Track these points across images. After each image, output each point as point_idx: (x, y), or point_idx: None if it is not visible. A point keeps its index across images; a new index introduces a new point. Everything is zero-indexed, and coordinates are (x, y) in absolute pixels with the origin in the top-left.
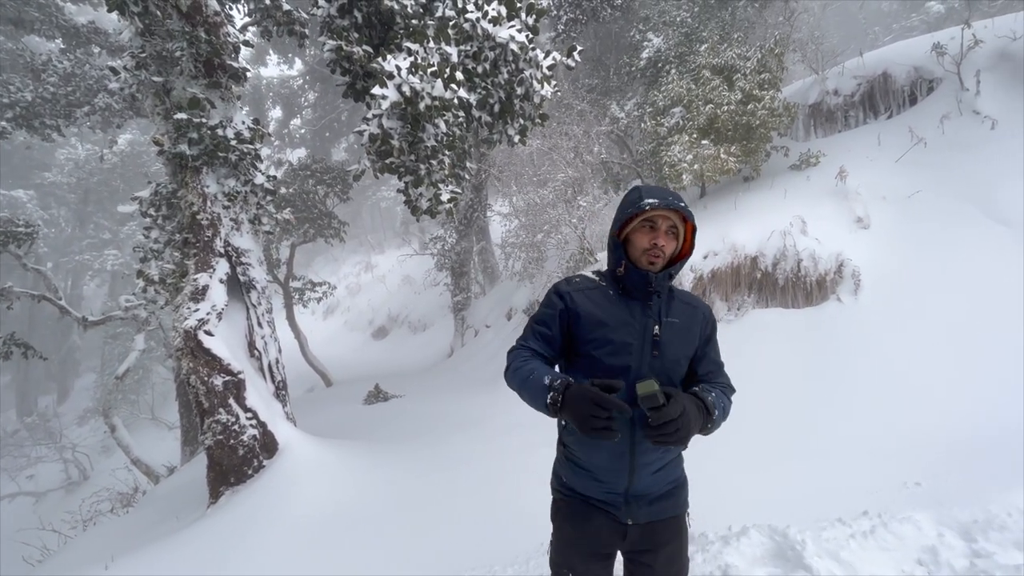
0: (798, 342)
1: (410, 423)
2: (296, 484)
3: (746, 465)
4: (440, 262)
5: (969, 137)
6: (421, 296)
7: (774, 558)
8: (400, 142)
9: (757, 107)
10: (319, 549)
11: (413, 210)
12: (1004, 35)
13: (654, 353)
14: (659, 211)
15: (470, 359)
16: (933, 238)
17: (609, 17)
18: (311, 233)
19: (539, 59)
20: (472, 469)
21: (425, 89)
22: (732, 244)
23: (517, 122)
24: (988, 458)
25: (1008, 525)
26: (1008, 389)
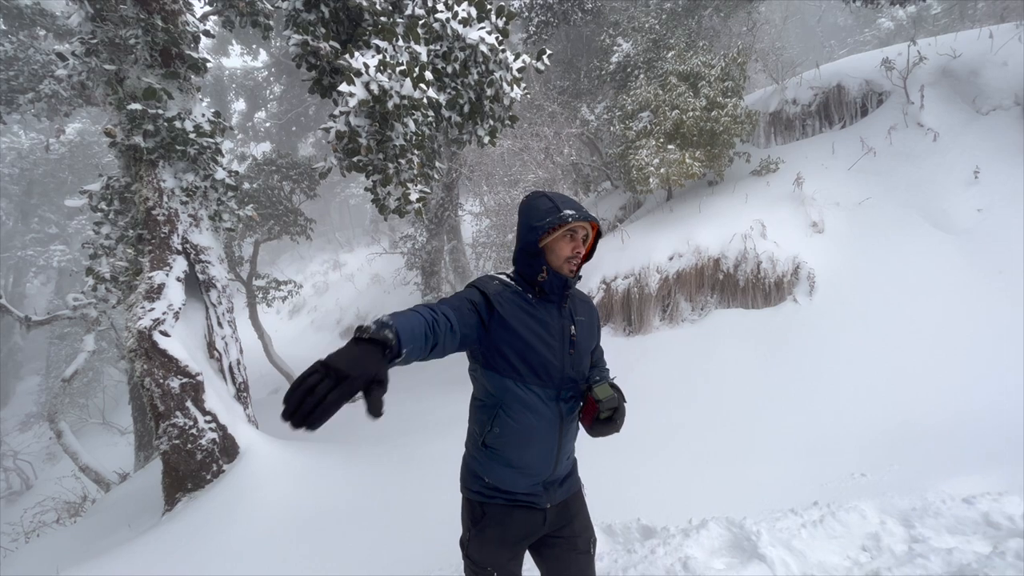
0: (757, 341)
1: (374, 424)
2: (258, 488)
3: (708, 461)
4: (410, 261)
5: (914, 148)
6: (391, 295)
7: (731, 549)
8: (368, 140)
9: (721, 114)
10: (281, 554)
11: (381, 209)
12: (946, 53)
13: (570, 351)
14: (579, 223)
15: (440, 360)
16: (881, 243)
17: (580, 21)
18: (276, 230)
19: (509, 61)
20: (440, 469)
21: (394, 88)
22: (696, 246)
23: (487, 123)
24: (926, 449)
25: (942, 511)
26: (946, 384)
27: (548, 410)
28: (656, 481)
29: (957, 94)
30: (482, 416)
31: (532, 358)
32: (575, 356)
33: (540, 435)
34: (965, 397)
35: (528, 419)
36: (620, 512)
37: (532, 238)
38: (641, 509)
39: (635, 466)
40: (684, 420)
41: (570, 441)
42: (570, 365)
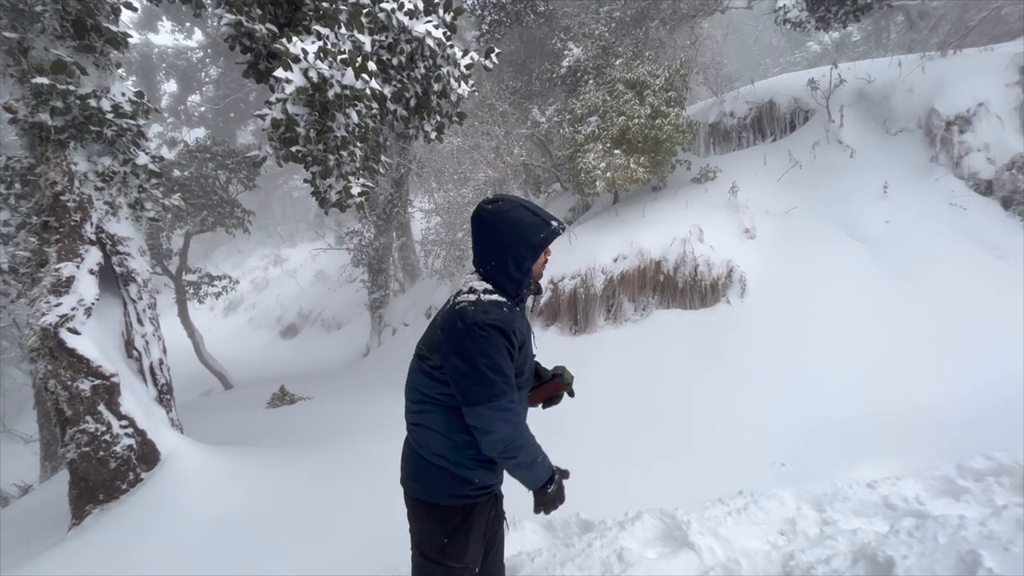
0: (694, 340)
1: (318, 427)
2: (180, 497)
3: (646, 455)
4: (357, 257)
5: (834, 163)
6: (336, 293)
7: (664, 538)
8: (307, 130)
9: (664, 122)
10: (208, 565)
11: (321, 202)
12: (862, 77)
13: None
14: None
15: (387, 359)
16: (804, 249)
17: (533, 23)
18: (210, 222)
19: (457, 57)
20: (379, 473)
21: (335, 76)
22: (640, 249)
23: (434, 119)
24: (839, 440)
25: (849, 496)
26: (858, 380)
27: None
28: (597, 476)
29: (871, 115)
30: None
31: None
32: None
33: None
34: (873, 391)
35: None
36: (562, 508)
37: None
38: (581, 504)
39: (576, 462)
40: (624, 416)
41: None
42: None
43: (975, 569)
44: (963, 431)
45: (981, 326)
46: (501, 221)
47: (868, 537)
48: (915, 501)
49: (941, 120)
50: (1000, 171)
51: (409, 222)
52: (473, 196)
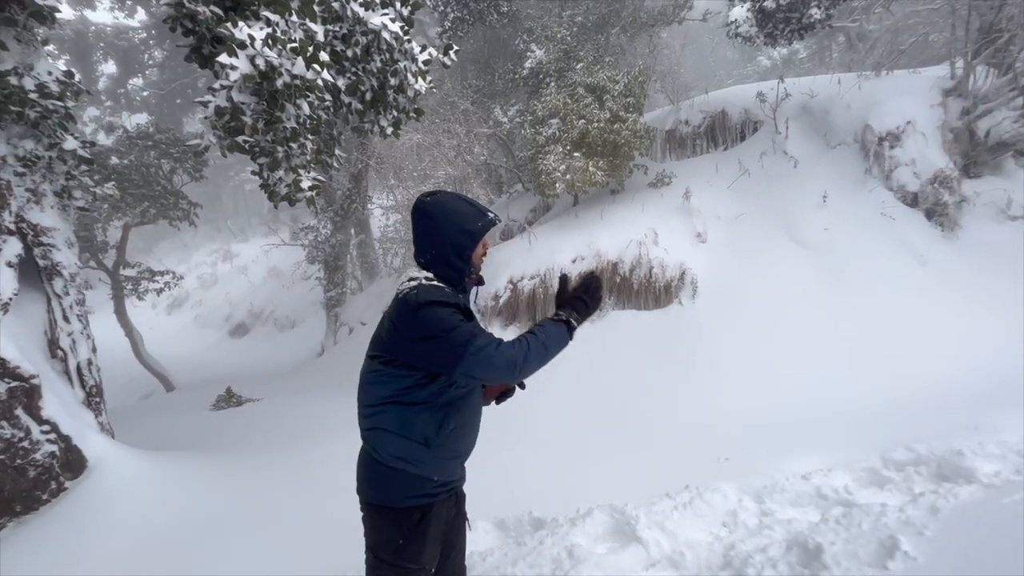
0: (648, 340)
1: (266, 429)
2: (109, 507)
3: (599, 452)
4: (312, 254)
5: (779, 172)
6: (290, 290)
7: (613, 534)
8: (254, 120)
9: (622, 127)
10: None
11: (270, 196)
12: (806, 92)
13: None
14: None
15: (343, 358)
16: (752, 253)
17: (496, 22)
18: (152, 214)
19: (415, 52)
20: (330, 476)
21: (284, 65)
22: (597, 250)
23: (391, 113)
24: (779, 434)
25: (786, 487)
26: (796, 377)
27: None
28: (551, 474)
29: (813, 129)
30: (430, 417)
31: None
32: None
33: (477, 424)
34: (810, 388)
35: (473, 411)
36: (513, 506)
37: (470, 242)
38: (534, 502)
39: (532, 460)
40: (580, 415)
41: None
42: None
43: (893, 552)
44: (889, 424)
45: (906, 327)
46: (440, 211)
47: (802, 526)
48: (844, 491)
49: (874, 135)
50: (924, 185)
51: (368, 219)
52: (427, 198)
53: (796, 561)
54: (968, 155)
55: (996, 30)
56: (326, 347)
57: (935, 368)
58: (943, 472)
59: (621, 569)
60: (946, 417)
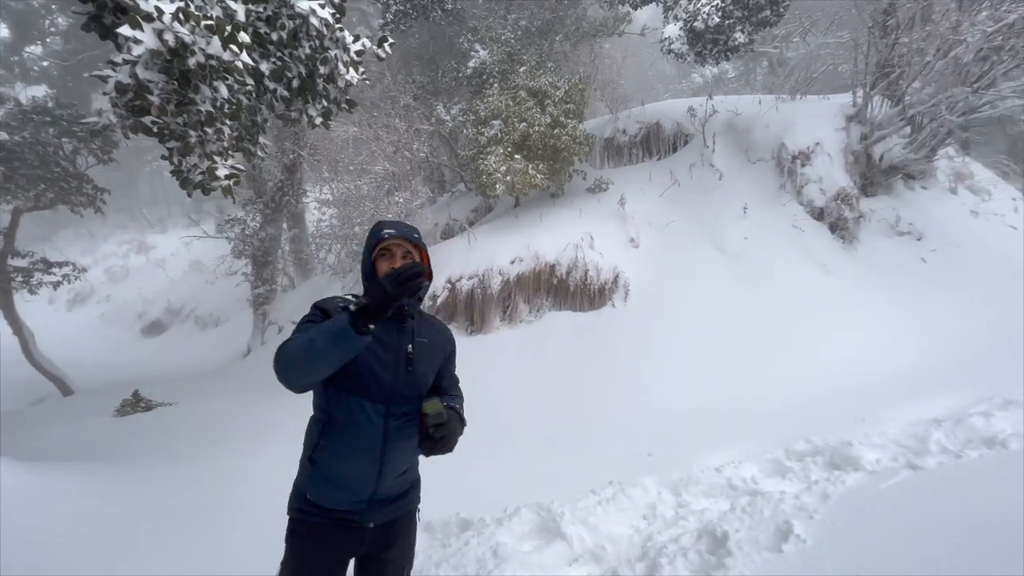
0: (583, 341)
1: (174, 436)
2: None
3: (531, 452)
4: (239, 248)
5: (706, 183)
6: (214, 286)
7: (539, 531)
8: (163, 100)
9: (562, 132)
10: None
11: (182, 183)
12: (731, 110)
13: (408, 369)
14: (394, 240)
15: (270, 359)
16: (679, 259)
17: (441, 19)
18: (49, 198)
19: (347, 41)
20: (240, 485)
21: (197, 44)
22: (536, 252)
23: (320, 103)
24: (697, 430)
25: (701, 480)
26: (715, 375)
27: (373, 425)
28: (481, 475)
29: (737, 144)
30: (313, 431)
31: (363, 372)
32: (411, 375)
33: (361, 449)
34: (727, 385)
35: (351, 433)
36: (442, 509)
37: (366, 257)
38: (463, 503)
39: (463, 461)
40: (514, 415)
41: (399, 459)
42: (403, 383)
43: (788, 536)
44: (793, 418)
45: (810, 329)
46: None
47: (713, 515)
48: (751, 481)
49: (788, 154)
50: (829, 201)
51: (303, 213)
52: (370, 189)
53: (705, 549)
54: (865, 176)
55: (890, 66)
56: (252, 347)
57: (835, 365)
58: (835, 461)
59: (545, 566)
60: (841, 410)
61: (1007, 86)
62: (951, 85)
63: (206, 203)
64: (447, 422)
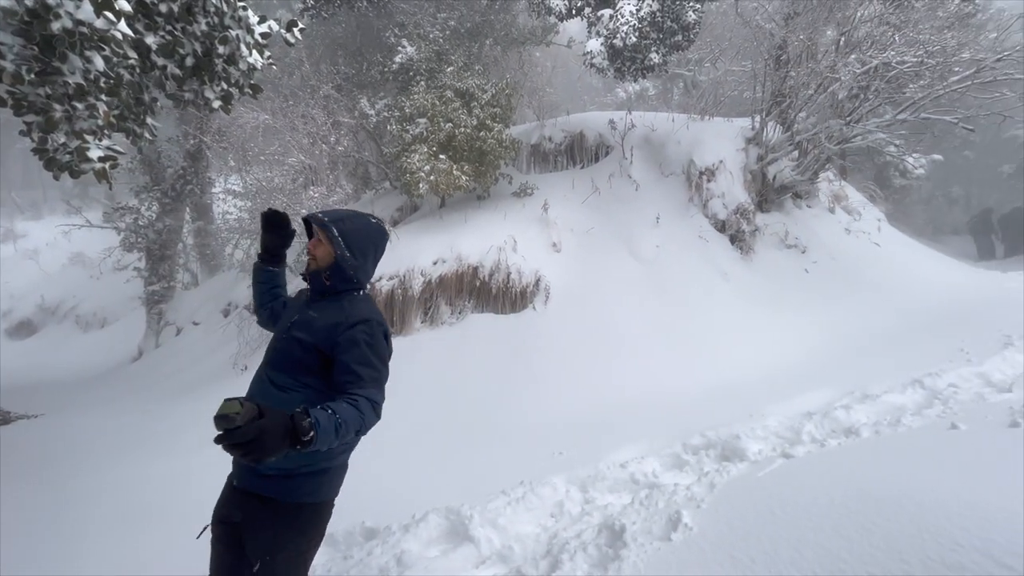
0: (504, 343)
1: (32, 454)
2: None
3: (443, 455)
4: (130, 240)
5: (624, 193)
6: (100, 281)
7: (447, 535)
8: (17, 66)
9: (488, 136)
10: None
11: (46, 164)
12: (648, 125)
13: (283, 336)
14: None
15: (166, 362)
16: (598, 264)
17: (366, 10)
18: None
19: (251, 22)
20: (103, 508)
21: (64, 7)
22: (459, 254)
23: (219, 85)
24: (607, 428)
25: (607, 476)
26: (625, 375)
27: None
28: (390, 481)
29: (652, 158)
30: None
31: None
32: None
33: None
34: (636, 384)
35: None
36: (346, 518)
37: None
38: (368, 511)
39: (370, 466)
40: (429, 418)
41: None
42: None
43: (677, 525)
44: (692, 414)
45: (711, 331)
46: None
47: (615, 510)
48: (652, 475)
49: (696, 170)
50: (730, 215)
51: (211, 204)
52: (282, 181)
53: (604, 543)
54: (761, 193)
55: (782, 95)
56: (144, 350)
57: (730, 364)
58: (725, 453)
59: (451, 570)
60: (733, 406)
61: (873, 121)
62: (829, 117)
63: (91, 188)
64: (238, 429)
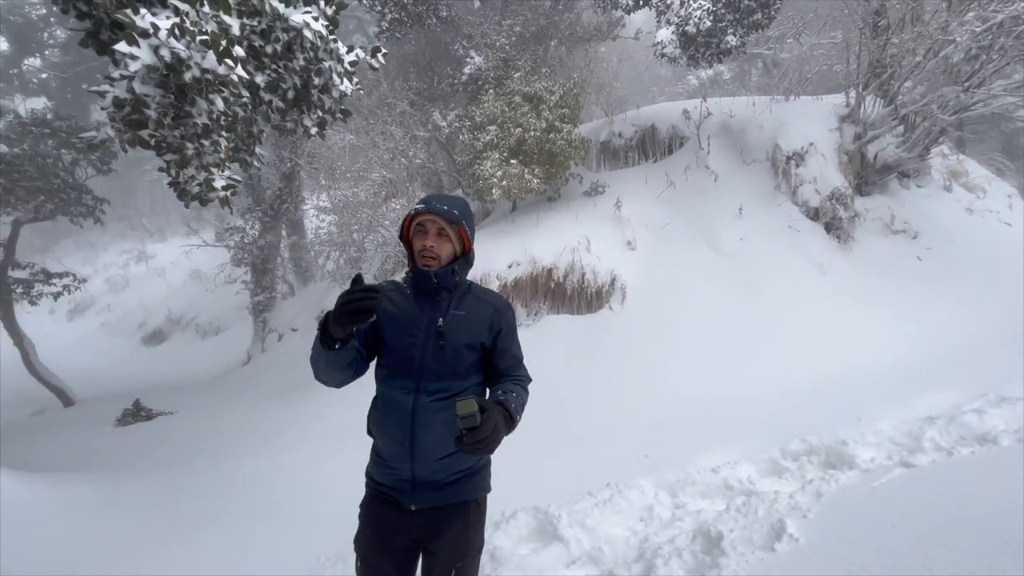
0: (580, 344)
1: (178, 444)
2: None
3: (526, 455)
4: (238, 256)
5: (701, 185)
6: (214, 295)
7: (537, 534)
8: (159, 114)
9: (557, 137)
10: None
11: (180, 194)
12: (725, 112)
13: (439, 343)
14: (424, 216)
15: (270, 366)
16: (676, 260)
17: (436, 26)
18: (49, 209)
19: (340, 52)
20: (243, 491)
21: (193, 59)
22: (532, 256)
23: (315, 113)
24: (694, 430)
25: (697, 480)
26: (711, 375)
27: (403, 401)
28: None
29: (732, 145)
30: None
31: (394, 348)
32: (441, 350)
33: (393, 426)
34: (723, 385)
35: (387, 409)
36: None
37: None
38: None
39: None
40: None
41: (434, 441)
42: (433, 358)
43: (781, 535)
44: (788, 417)
45: (807, 329)
46: None
47: (708, 516)
48: (747, 481)
49: (783, 155)
50: (824, 201)
51: (302, 220)
52: (367, 196)
53: (699, 549)
54: (860, 175)
55: (881, 66)
56: (252, 355)
57: (830, 364)
58: (830, 460)
59: (542, 568)
60: (836, 409)
61: (998, 84)
62: (942, 84)
63: (205, 212)
64: (480, 426)
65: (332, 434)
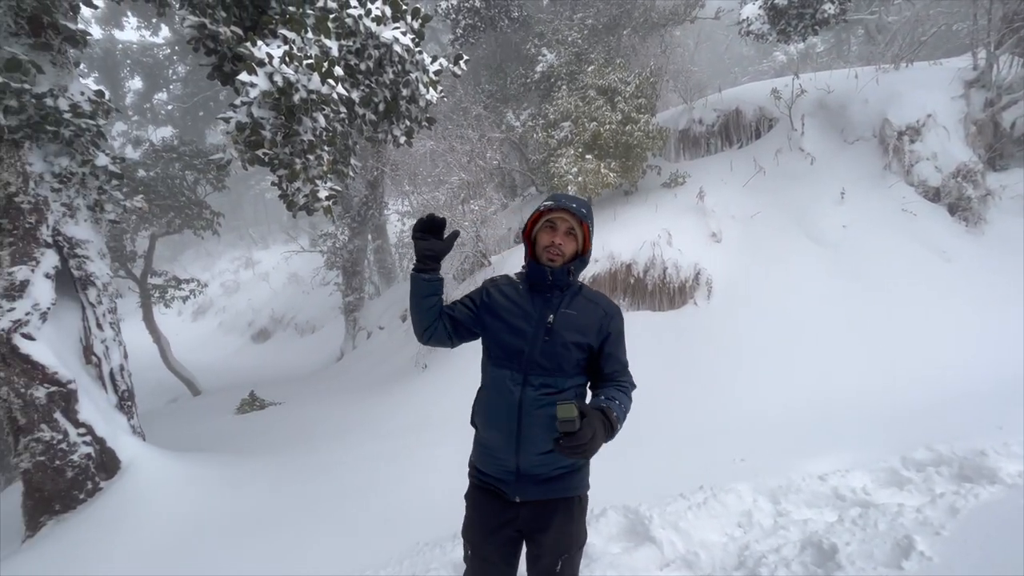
0: (663, 341)
1: (287, 431)
2: (142, 506)
3: (612, 454)
4: (331, 260)
5: (795, 169)
6: (310, 296)
7: (627, 534)
8: (272, 134)
9: (634, 128)
10: (175, 570)
11: (289, 206)
12: (822, 88)
13: (545, 339)
14: (556, 212)
15: (361, 362)
16: (767, 252)
17: (508, 28)
18: (177, 224)
19: (426, 63)
20: (346, 475)
21: (300, 81)
22: (611, 252)
23: (403, 123)
24: (795, 434)
25: (802, 488)
26: (812, 376)
27: (510, 393)
28: None
29: (830, 124)
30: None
31: (504, 339)
32: (549, 344)
33: (500, 417)
34: (827, 387)
35: (494, 400)
36: None
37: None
38: None
39: None
40: None
41: (539, 434)
42: (541, 352)
43: (909, 552)
44: (909, 424)
45: (928, 325)
46: None
47: (817, 526)
48: (862, 492)
49: (893, 130)
50: (947, 179)
51: (385, 224)
52: (447, 199)
53: (810, 561)
54: (993, 147)
55: (1020, 18)
56: (345, 351)
57: (958, 367)
58: (965, 472)
59: (635, 568)
60: (969, 416)
61: None
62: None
63: (301, 220)
64: (579, 431)
65: (432, 425)
